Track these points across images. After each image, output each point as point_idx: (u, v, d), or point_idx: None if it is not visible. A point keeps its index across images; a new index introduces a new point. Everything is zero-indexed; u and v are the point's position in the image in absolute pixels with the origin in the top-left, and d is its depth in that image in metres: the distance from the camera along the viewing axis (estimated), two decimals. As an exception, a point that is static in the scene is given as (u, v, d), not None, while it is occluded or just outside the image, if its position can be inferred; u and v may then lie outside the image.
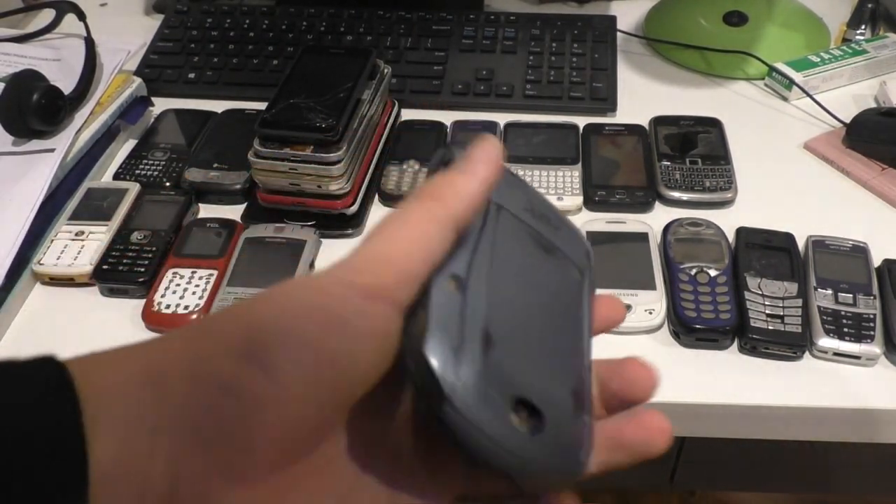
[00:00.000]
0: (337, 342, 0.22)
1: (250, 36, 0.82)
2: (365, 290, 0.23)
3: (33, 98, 0.64)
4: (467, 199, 0.25)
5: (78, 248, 0.59)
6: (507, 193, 0.28)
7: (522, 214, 0.28)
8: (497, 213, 0.27)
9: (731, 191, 0.64)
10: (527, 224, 0.28)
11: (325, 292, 0.23)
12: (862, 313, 0.53)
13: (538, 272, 0.28)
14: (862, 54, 0.76)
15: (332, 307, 0.23)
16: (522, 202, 0.29)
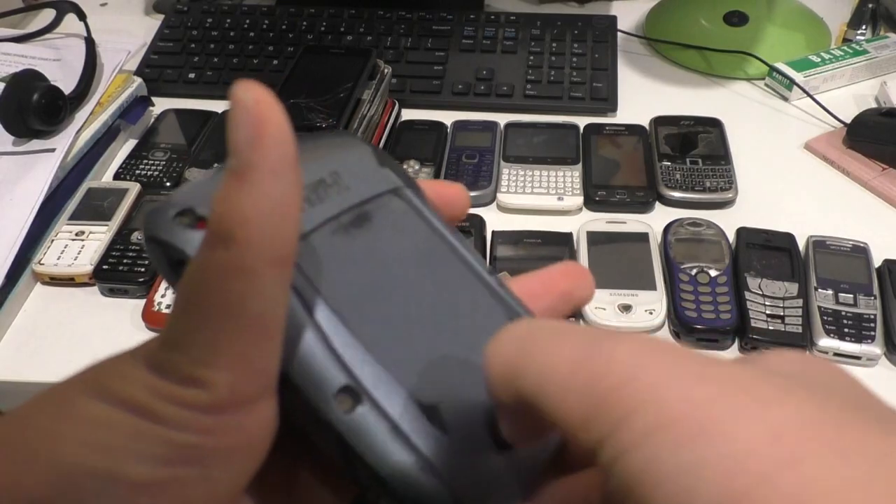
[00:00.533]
0: (180, 478, 0.17)
1: (250, 36, 0.82)
2: (201, 407, 0.18)
3: (34, 98, 0.64)
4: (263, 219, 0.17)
5: (78, 248, 0.59)
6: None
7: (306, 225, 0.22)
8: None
9: (731, 191, 0.64)
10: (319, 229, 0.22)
11: (148, 415, 0.17)
12: (862, 313, 0.53)
13: (383, 267, 0.23)
14: (862, 54, 0.76)
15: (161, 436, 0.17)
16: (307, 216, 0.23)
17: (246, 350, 0.18)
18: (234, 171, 0.17)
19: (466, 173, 0.66)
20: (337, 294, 0.21)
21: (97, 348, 0.55)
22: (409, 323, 0.22)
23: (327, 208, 0.23)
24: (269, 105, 0.17)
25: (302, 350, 0.20)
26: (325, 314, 0.21)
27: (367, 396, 0.20)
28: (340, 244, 0.22)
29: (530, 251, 0.59)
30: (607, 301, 0.55)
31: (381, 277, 0.23)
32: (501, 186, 0.65)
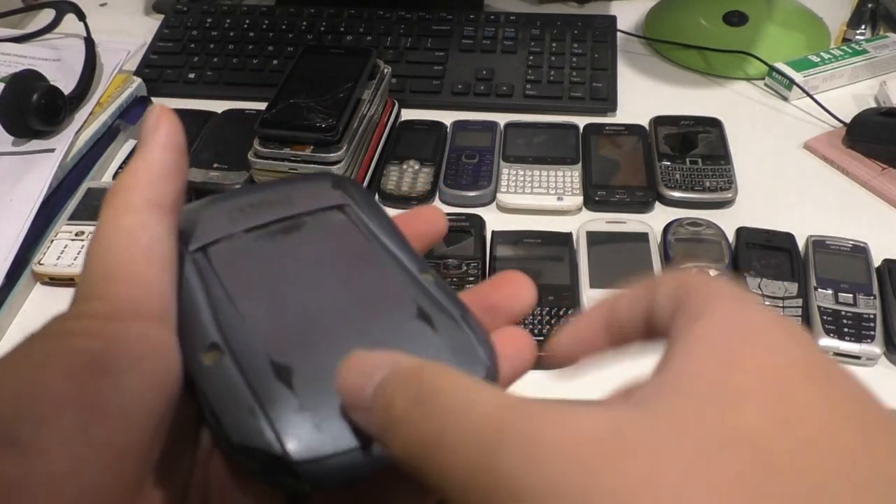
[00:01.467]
0: (97, 383, 0.19)
1: (250, 36, 0.82)
2: (107, 315, 0.20)
3: (33, 98, 0.64)
4: (149, 175, 0.22)
5: (78, 249, 0.59)
6: (201, 228, 0.25)
7: (235, 228, 0.25)
8: (204, 255, 0.24)
9: (731, 191, 0.64)
10: (246, 232, 0.25)
11: (68, 333, 0.20)
12: (862, 313, 0.53)
13: (295, 262, 0.25)
14: (862, 54, 0.76)
15: (78, 348, 0.19)
16: (225, 221, 0.26)
17: (138, 271, 0.21)
18: (137, 150, 0.23)
19: (466, 173, 0.66)
20: (236, 280, 0.24)
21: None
22: (301, 310, 0.23)
23: (262, 216, 0.26)
24: (167, 112, 0.24)
25: (188, 314, 0.23)
26: (218, 291, 0.23)
27: (229, 353, 0.22)
28: (261, 244, 0.25)
29: (530, 251, 0.59)
30: (607, 301, 0.55)
31: (286, 271, 0.24)
32: (501, 186, 0.65)
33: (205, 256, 0.24)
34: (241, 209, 0.26)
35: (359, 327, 0.23)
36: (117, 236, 0.21)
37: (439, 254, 0.59)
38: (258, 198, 0.27)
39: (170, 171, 0.23)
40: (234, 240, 0.25)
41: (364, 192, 0.28)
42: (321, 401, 0.21)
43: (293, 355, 0.22)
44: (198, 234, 0.25)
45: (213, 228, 0.25)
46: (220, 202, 0.27)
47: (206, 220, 0.26)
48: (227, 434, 0.21)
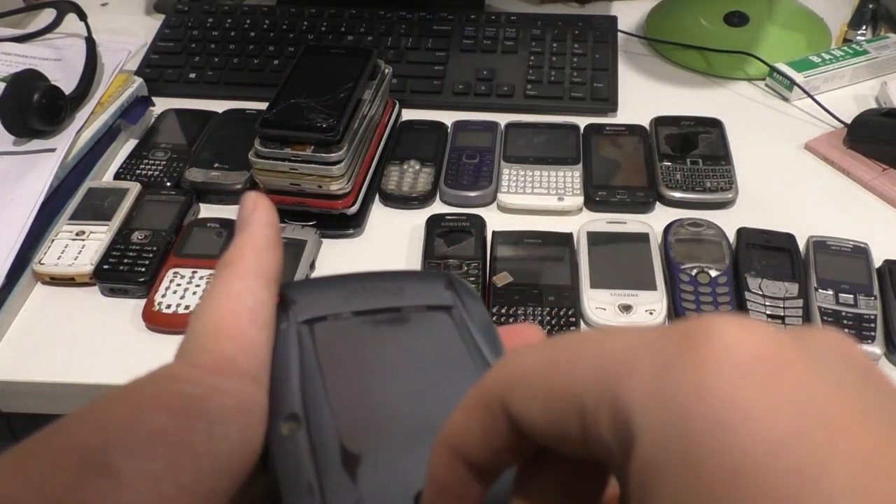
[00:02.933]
0: (192, 427, 0.20)
1: (251, 36, 0.82)
2: (210, 366, 0.22)
3: (34, 98, 0.64)
4: (255, 249, 0.25)
5: (78, 248, 0.59)
6: (311, 302, 0.26)
7: (344, 308, 0.26)
8: (308, 329, 0.25)
9: (731, 191, 0.64)
10: (354, 315, 0.26)
11: (173, 377, 0.21)
12: (863, 314, 0.53)
13: (393, 355, 0.25)
14: (863, 55, 0.76)
15: (181, 391, 0.21)
16: (337, 300, 0.26)
17: (241, 331, 0.23)
18: (238, 230, 0.26)
19: (467, 173, 0.66)
20: (331, 359, 0.25)
21: (97, 348, 0.55)
22: (385, 404, 0.24)
23: (371, 301, 0.26)
24: (262, 197, 0.26)
25: (279, 379, 0.24)
26: (312, 365, 0.24)
27: (305, 427, 0.22)
28: (363, 329, 0.26)
29: (530, 251, 0.59)
30: (608, 301, 0.55)
31: (381, 362, 0.25)
32: (502, 187, 0.65)
33: (309, 330, 0.25)
34: (353, 291, 0.27)
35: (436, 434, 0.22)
36: (225, 299, 0.23)
37: (440, 254, 0.59)
38: (372, 284, 0.27)
39: (271, 244, 0.25)
40: (339, 320, 0.26)
41: (475, 299, 0.28)
42: (379, 499, 0.21)
43: (365, 446, 0.22)
44: (307, 306, 0.26)
45: (323, 304, 0.26)
46: (336, 281, 0.27)
47: (318, 295, 0.27)
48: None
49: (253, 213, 0.26)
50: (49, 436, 0.20)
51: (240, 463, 0.21)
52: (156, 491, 0.19)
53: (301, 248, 0.59)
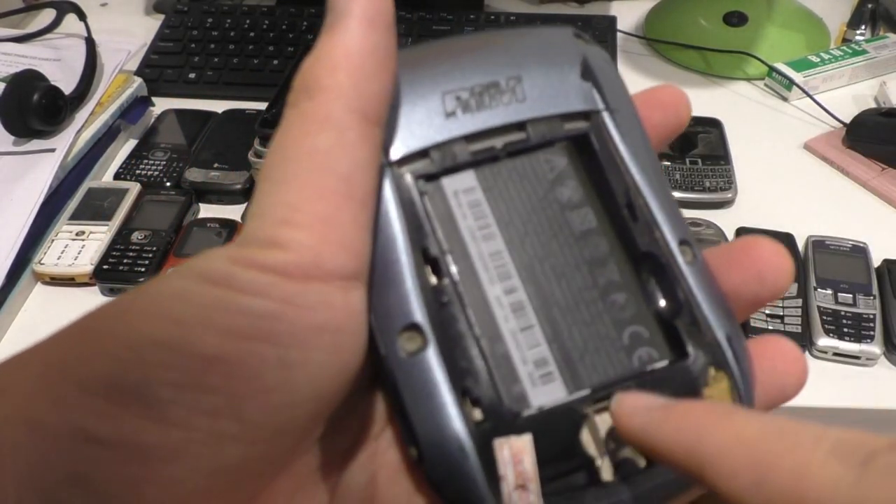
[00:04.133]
0: (260, 353, 0.15)
1: (251, 36, 0.82)
2: (284, 270, 0.16)
3: (34, 98, 0.64)
4: (353, 68, 0.17)
5: (78, 248, 0.60)
6: (406, 121, 0.19)
7: (451, 132, 0.19)
8: (412, 177, 0.19)
9: (730, 191, 0.64)
10: (466, 142, 0.19)
11: (230, 284, 0.16)
12: (862, 313, 0.53)
13: (526, 207, 0.20)
14: (862, 54, 0.76)
15: (241, 307, 0.15)
16: (435, 114, 0.19)
17: (330, 213, 0.16)
18: (328, 25, 0.17)
19: (466, 173, 0.66)
20: (449, 223, 0.19)
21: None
22: (525, 278, 0.19)
23: (483, 119, 0.20)
24: None
25: (384, 272, 0.18)
26: (428, 238, 0.19)
27: (434, 339, 0.18)
28: (482, 170, 0.20)
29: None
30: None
31: (510, 219, 0.20)
32: (501, 186, 0.65)
33: (412, 179, 0.19)
34: (457, 91, 0.19)
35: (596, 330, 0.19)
36: (309, 160, 0.16)
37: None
38: (479, 67, 0.20)
39: (381, 62, 0.17)
40: (449, 152, 0.19)
41: (618, 82, 0.21)
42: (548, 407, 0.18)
43: (511, 340, 0.19)
44: (399, 128, 0.18)
45: (421, 122, 0.19)
46: (426, 66, 0.20)
47: (409, 95, 0.19)
48: (420, 453, 0.18)
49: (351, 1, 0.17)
50: (73, 346, 0.16)
51: (328, 391, 0.16)
52: (213, 429, 0.15)
53: (301, 248, 0.59)
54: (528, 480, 0.17)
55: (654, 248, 0.20)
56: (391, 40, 0.17)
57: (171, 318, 0.15)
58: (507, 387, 0.18)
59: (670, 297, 0.19)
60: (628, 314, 0.20)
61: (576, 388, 0.19)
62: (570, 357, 0.19)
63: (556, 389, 0.19)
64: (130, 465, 0.15)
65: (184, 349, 0.15)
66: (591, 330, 0.19)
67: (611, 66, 0.21)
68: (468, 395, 0.18)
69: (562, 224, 0.20)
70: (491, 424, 0.18)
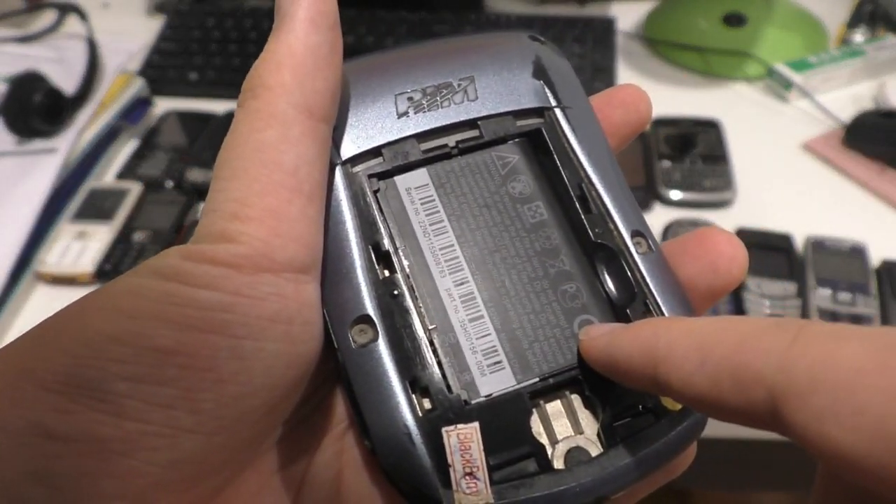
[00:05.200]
0: (212, 345, 0.16)
1: (252, 36, 0.82)
2: (235, 262, 0.16)
3: (36, 98, 0.64)
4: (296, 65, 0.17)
5: (80, 248, 0.60)
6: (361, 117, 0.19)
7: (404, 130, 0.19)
8: (362, 173, 0.19)
9: (730, 191, 0.64)
10: (418, 141, 0.20)
11: (181, 278, 0.16)
12: (861, 313, 0.53)
13: (477, 201, 0.20)
14: (861, 55, 0.76)
15: (193, 299, 0.16)
16: (388, 114, 0.19)
17: (278, 206, 0.16)
18: (274, 28, 0.17)
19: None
20: (400, 216, 0.19)
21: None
22: (475, 275, 0.19)
23: (435, 118, 0.20)
24: None
25: (337, 266, 0.18)
26: (378, 232, 0.19)
27: (384, 330, 0.18)
28: (435, 167, 0.20)
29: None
30: (607, 301, 0.55)
31: (461, 213, 0.20)
32: (501, 187, 0.65)
33: (364, 175, 0.19)
34: (409, 93, 0.20)
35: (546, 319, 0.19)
36: (255, 156, 0.17)
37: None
38: (432, 70, 0.20)
39: (323, 58, 0.17)
40: (401, 150, 0.19)
41: (572, 80, 0.21)
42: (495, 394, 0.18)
43: (461, 330, 0.19)
44: (351, 129, 0.19)
45: (373, 122, 0.19)
46: (380, 71, 0.20)
47: (361, 98, 0.19)
48: (372, 444, 0.18)
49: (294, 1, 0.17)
50: (32, 346, 0.16)
51: (283, 381, 0.17)
52: (169, 420, 0.15)
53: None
54: (475, 468, 0.17)
55: (607, 240, 0.20)
56: (335, 39, 0.18)
57: (125, 313, 0.16)
58: (456, 376, 0.19)
59: (623, 286, 0.20)
60: (579, 303, 0.20)
61: (525, 376, 0.19)
62: (520, 346, 0.19)
63: (504, 378, 0.19)
64: (88, 459, 0.15)
65: (138, 343, 0.15)
66: (542, 319, 0.19)
67: (565, 64, 0.22)
68: (417, 385, 0.18)
69: (513, 217, 0.20)
70: (440, 413, 0.18)
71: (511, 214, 0.20)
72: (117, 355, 0.15)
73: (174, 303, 0.16)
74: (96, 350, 0.15)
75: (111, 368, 0.15)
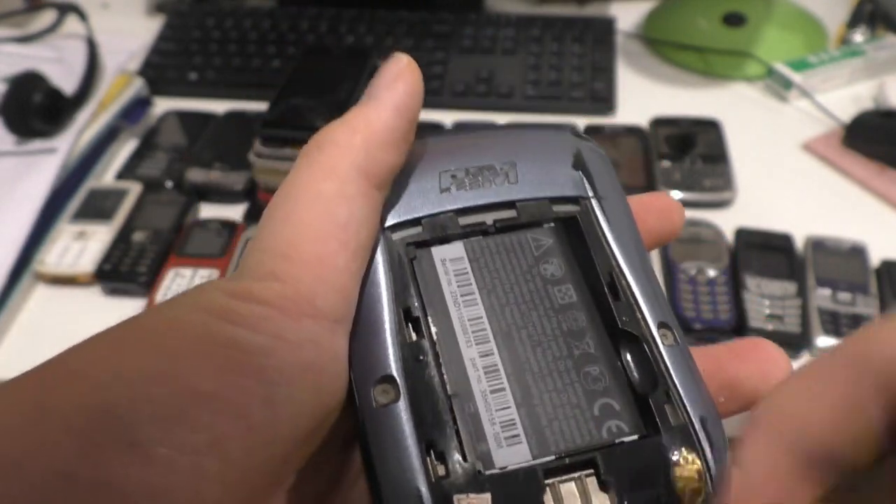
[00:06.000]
0: (247, 390, 0.15)
1: (252, 36, 0.82)
2: (279, 304, 0.16)
3: (35, 98, 0.64)
4: (369, 136, 0.18)
5: (80, 248, 0.60)
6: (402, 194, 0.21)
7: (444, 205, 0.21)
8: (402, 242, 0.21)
9: (730, 191, 0.64)
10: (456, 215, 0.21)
11: (226, 315, 0.16)
12: (860, 313, 0.53)
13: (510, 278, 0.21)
14: (861, 55, 0.76)
15: (236, 340, 0.16)
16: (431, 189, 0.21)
17: (326, 255, 0.17)
18: (359, 104, 0.19)
19: (466, 173, 0.67)
20: (433, 289, 0.20)
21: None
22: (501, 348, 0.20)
23: (476, 196, 0.21)
24: (413, 69, 0.19)
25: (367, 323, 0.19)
26: (409, 296, 0.20)
27: (406, 394, 0.18)
28: (471, 242, 0.21)
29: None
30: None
31: (496, 291, 0.21)
32: (501, 187, 0.65)
33: (402, 243, 0.20)
34: (453, 171, 0.21)
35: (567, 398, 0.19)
36: (311, 204, 0.17)
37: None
38: (476, 153, 0.22)
39: (395, 140, 0.19)
40: (440, 223, 0.21)
41: (610, 175, 0.22)
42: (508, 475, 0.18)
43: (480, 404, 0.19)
44: (395, 198, 0.20)
45: (417, 195, 0.21)
46: (428, 151, 0.21)
47: (409, 172, 0.21)
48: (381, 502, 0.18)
49: (389, 88, 0.19)
50: (61, 381, 0.15)
51: (306, 431, 0.17)
52: (195, 469, 0.15)
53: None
54: None
55: (634, 328, 0.20)
56: (409, 132, 0.19)
57: (165, 350, 0.15)
58: (472, 444, 0.19)
59: (646, 373, 0.20)
60: (601, 386, 0.20)
61: (541, 452, 0.19)
62: (539, 423, 0.19)
63: (521, 452, 0.19)
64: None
65: (175, 384, 0.15)
66: (563, 398, 0.20)
67: (603, 159, 0.23)
68: (433, 449, 0.18)
69: (542, 297, 0.21)
70: (453, 480, 0.18)
71: (541, 294, 0.21)
72: (152, 396, 0.15)
73: (217, 343, 0.16)
74: (130, 388, 0.15)
75: (144, 410, 0.15)
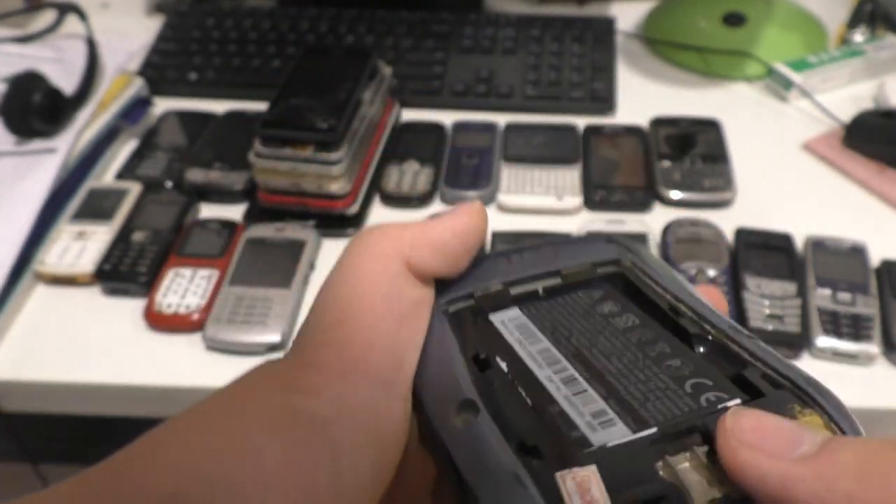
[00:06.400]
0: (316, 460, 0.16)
1: (252, 36, 0.82)
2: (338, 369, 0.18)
3: (35, 98, 0.64)
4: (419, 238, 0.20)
5: (80, 249, 0.60)
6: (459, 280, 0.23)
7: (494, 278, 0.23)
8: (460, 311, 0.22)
9: (730, 191, 0.64)
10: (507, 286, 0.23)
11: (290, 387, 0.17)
12: (860, 313, 0.53)
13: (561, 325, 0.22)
14: (861, 55, 0.76)
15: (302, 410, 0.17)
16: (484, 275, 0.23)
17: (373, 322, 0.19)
18: (434, 216, 0.22)
19: (466, 174, 0.67)
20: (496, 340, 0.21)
21: (98, 348, 0.56)
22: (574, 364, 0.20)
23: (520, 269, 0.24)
24: (481, 211, 0.22)
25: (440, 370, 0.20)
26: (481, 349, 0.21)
27: (487, 412, 0.18)
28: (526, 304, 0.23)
29: (530, 251, 0.59)
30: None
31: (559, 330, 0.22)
32: (501, 187, 0.65)
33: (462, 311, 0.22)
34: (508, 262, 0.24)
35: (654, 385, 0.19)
36: (358, 281, 0.19)
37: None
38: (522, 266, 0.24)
39: (443, 251, 0.21)
40: (492, 294, 0.23)
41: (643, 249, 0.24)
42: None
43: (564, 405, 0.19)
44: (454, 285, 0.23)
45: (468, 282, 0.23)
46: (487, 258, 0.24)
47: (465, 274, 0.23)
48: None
49: (457, 217, 0.21)
50: (137, 465, 0.16)
51: (372, 486, 0.17)
52: None
53: (301, 249, 0.59)
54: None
55: (704, 332, 0.21)
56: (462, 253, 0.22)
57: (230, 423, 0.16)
58: (565, 433, 0.18)
59: (731, 356, 0.20)
60: (687, 371, 0.19)
61: (640, 428, 0.18)
62: (631, 405, 0.19)
63: (618, 431, 0.18)
64: None
65: (245, 459, 0.15)
66: (650, 385, 0.19)
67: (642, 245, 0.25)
68: (525, 447, 0.18)
69: (606, 325, 0.22)
70: (550, 461, 0.17)
71: (603, 324, 0.22)
72: (223, 474, 0.15)
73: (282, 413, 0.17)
74: (201, 467, 0.15)
75: (217, 490, 0.15)
